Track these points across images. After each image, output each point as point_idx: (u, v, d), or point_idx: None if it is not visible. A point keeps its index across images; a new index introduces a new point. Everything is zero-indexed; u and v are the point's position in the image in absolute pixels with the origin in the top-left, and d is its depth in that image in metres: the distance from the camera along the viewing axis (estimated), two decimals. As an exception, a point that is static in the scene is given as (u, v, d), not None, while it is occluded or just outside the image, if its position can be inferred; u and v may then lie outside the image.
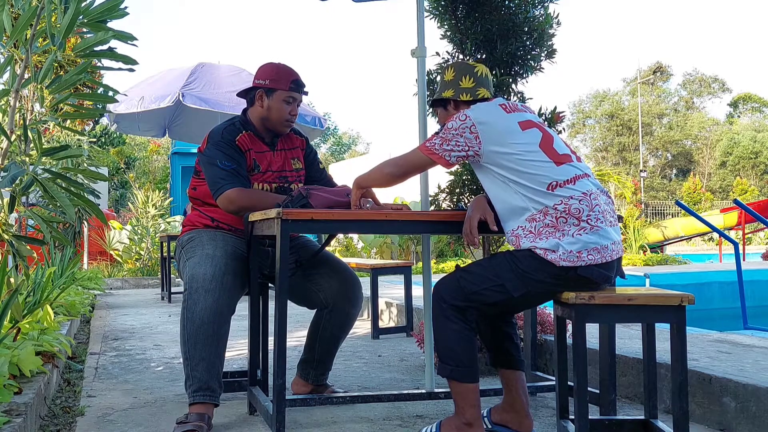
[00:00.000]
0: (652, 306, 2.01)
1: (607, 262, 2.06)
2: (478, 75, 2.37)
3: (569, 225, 2.05)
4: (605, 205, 2.14)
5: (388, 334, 4.64)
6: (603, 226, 2.07)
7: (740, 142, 38.16)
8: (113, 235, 10.46)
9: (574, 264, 2.02)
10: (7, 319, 2.39)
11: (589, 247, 2.03)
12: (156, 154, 26.71)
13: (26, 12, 2.50)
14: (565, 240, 2.03)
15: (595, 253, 2.04)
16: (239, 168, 2.58)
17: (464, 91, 2.35)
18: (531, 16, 3.28)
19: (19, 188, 2.59)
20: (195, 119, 8.25)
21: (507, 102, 2.30)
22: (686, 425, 1.98)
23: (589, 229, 2.04)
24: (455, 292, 2.13)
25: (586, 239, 2.03)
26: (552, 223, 2.06)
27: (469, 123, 2.17)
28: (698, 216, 5.84)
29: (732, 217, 13.80)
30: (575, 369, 1.98)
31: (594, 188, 2.14)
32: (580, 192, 2.08)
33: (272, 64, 2.72)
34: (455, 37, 3.32)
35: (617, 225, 2.18)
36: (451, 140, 2.18)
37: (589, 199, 2.08)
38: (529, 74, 3.32)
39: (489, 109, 2.24)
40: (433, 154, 2.21)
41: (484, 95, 2.34)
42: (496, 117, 2.21)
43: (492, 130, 2.16)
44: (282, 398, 2.20)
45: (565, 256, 2.02)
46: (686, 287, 7.39)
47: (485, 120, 2.18)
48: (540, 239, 2.06)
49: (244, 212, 2.52)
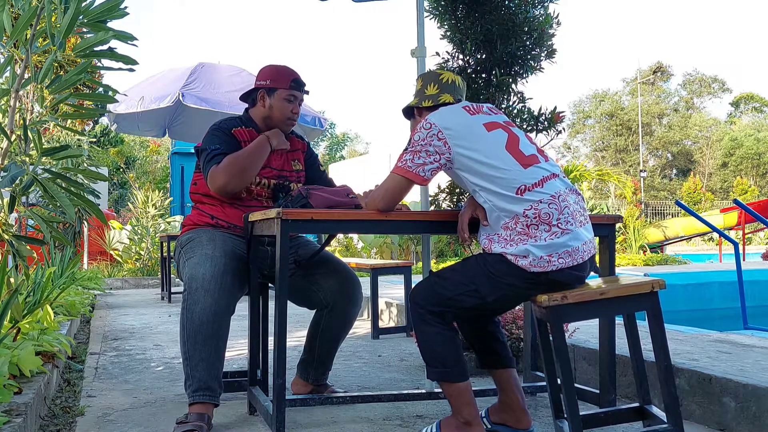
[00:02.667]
0: (625, 297, 2.03)
1: (579, 264, 2.06)
2: (443, 82, 2.35)
3: (540, 231, 2.03)
4: (575, 205, 2.12)
5: (388, 334, 4.64)
6: (573, 228, 2.06)
7: (743, 142, 38.15)
8: (113, 235, 10.46)
9: (545, 269, 2.02)
10: (7, 319, 2.39)
11: (560, 250, 2.02)
12: (156, 154, 26.72)
13: (26, 12, 2.50)
14: (535, 246, 2.02)
15: (566, 256, 2.03)
16: (229, 152, 2.58)
17: (427, 98, 2.34)
18: (531, 16, 3.28)
19: (19, 188, 2.59)
20: (195, 119, 8.25)
21: (471, 104, 2.27)
22: (677, 409, 2.02)
23: (560, 233, 2.03)
24: (431, 298, 2.13)
25: (556, 243, 2.02)
26: (523, 230, 2.04)
27: (435, 130, 2.14)
28: (698, 216, 5.84)
29: (732, 217, 13.80)
30: (560, 369, 1.99)
31: (563, 188, 2.11)
32: (549, 195, 2.06)
33: (272, 65, 2.76)
34: (455, 37, 3.32)
35: (588, 223, 2.17)
36: (420, 152, 2.15)
37: (558, 201, 2.06)
38: (529, 74, 3.32)
39: (452, 112, 2.21)
40: (408, 173, 2.17)
41: (446, 100, 2.31)
42: (461, 119, 2.18)
43: (458, 134, 2.13)
44: (282, 398, 2.20)
45: (536, 262, 2.02)
46: (686, 287, 7.39)
47: (450, 124, 2.15)
48: (510, 245, 2.05)
49: (235, 181, 2.52)
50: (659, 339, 2.04)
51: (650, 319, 2.04)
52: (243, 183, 2.58)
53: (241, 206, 2.64)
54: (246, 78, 7.89)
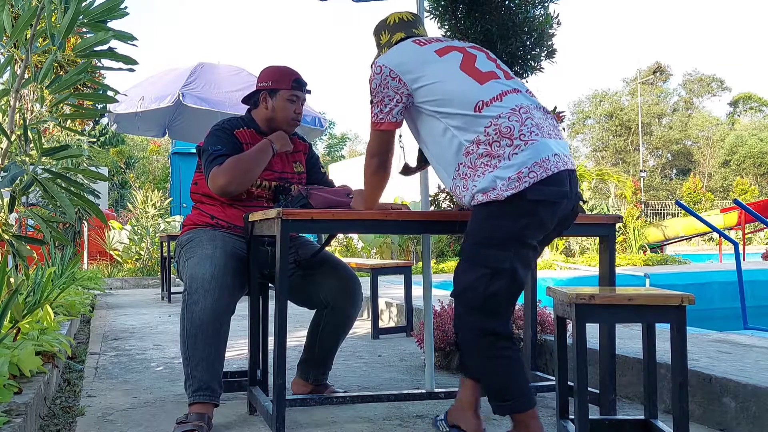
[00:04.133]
0: (653, 306, 2.00)
1: (553, 175, 1.90)
2: (390, 24, 2.31)
3: (503, 147, 1.90)
4: (542, 120, 1.99)
5: (388, 334, 4.64)
6: (539, 138, 1.92)
7: (746, 141, 38.15)
8: (113, 235, 10.46)
9: (517, 189, 1.88)
10: (7, 319, 2.39)
11: (529, 164, 1.88)
12: (156, 154, 26.72)
13: (26, 12, 2.50)
14: (500, 169, 1.90)
15: (537, 169, 1.88)
16: (231, 153, 2.57)
17: (384, 47, 2.30)
18: (531, 16, 3.28)
19: (19, 188, 2.59)
20: (195, 119, 8.25)
21: (423, 37, 2.22)
22: (686, 425, 1.98)
23: (524, 145, 1.90)
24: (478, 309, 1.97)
25: (522, 158, 1.89)
26: (486, 151, 1.92)
27: (387, 70, 2.09)
28: (698, 216, 5.84)
29: (732, 217, 13.80)
30: (576, 369, 1.98)
31: (526, 102, 2.00)
32: (509, 108, 1.95)
33: (273, 66, 2.76)
34: (455, 37, 3.32)
35: (560, 139, 2.03)
36: (383, 100, 2.10)
37: (519, 113, 1.94)
38: (529, 74, 3.32)
39: (399, 49, 2.17)
40: (381, 124, 2.12)
41: (399, 38, 2.27)
42: (409, 52, 2.13)
43: (408, 67, 2.07)
44: (282, 398, 2.20)
45: (506, 185, 1.89)
46: (686, 287, 7.39)
47: (398, 60, 2.10)
48: (477, 176, 1.93)
49: (236, 183, 2.52)
50: (679, 353, 1.98)
51: (674, 332, 1.98)
52: (244, 185, 2.57)
53: (242, 207, 2.64)
54: (246, 78, 7.89)
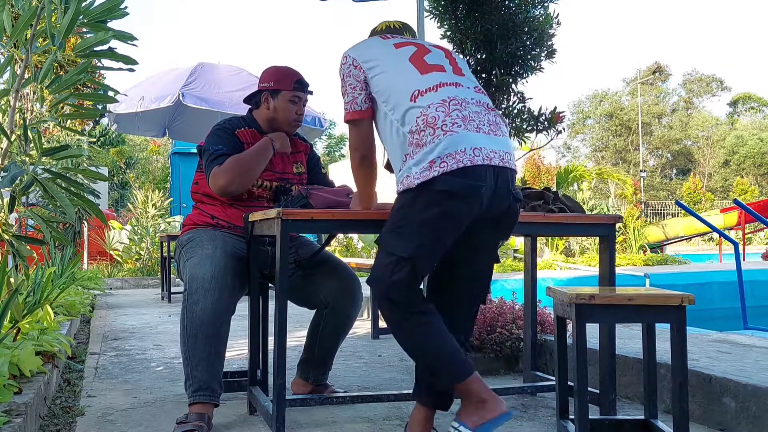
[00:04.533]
0: (653, 306, 2.00)
1: (468, 168, 1.85)
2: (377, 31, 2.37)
3: (427, 136, 1.88)
4: (475, 114, 1.94)
5: (388, 334, 4.61)
6: (459, 130, 1.87)
7: (746, 141, 38.14)
8: (113, 235, 10.46)
9: (426, 178, 1.85)
10: (7, 319, 2.39)
11: (443, 154, 1.85)
12: (156, 154, 26.71)
13: (26, 12, 2.50)
14: (417, 156, 1.88)
15: (448, 159, 1.84)
16: (232, 153, 2.57)
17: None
18: (531, 16, 3.28)
19: (19, 188, 2.59)
20: (195, 119, 8.26)
21: (391, 34, 2.28)
22: (686, 425, 1.98)
23: (442, 135, 1.86)
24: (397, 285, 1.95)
25: (438, 148, 1.86)
26: (416, 141, 1.90)
27: (350, 60, 2.13)
28: (698, 216, 5.85)
29: (732, 217, 13.81)
30: (576, 369, 1.98)
31: (462, 95, 1.96)
32: (440, 99, 1.93)
33: (275, 67, 2.75)
34: (455, 37, 3.32)
35: (498, 136, 1.96)
36: (348, 90, 2.13)
37: (448, 105, 1.91)
38: (529, 74, 3.32)
39: (366, 42, 2.23)
40: (352, 114, 2.13)
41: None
42: (372, 45, 2.19)
43: (366, 57, 2.12)
44: (282, 398, 2.20)
45: (418, 173, 1.86)
46: (686, 287, 7.39)
47: (361, 51, 2.15)
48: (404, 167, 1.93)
49: (237, 182, 2.52)
50: (679, 353, 1.98)
51: (674, 333, 1.98)
52: (245, 185, 2.57)
53: (242, 207, 2.64)
54: (246, 78, 7.90)
